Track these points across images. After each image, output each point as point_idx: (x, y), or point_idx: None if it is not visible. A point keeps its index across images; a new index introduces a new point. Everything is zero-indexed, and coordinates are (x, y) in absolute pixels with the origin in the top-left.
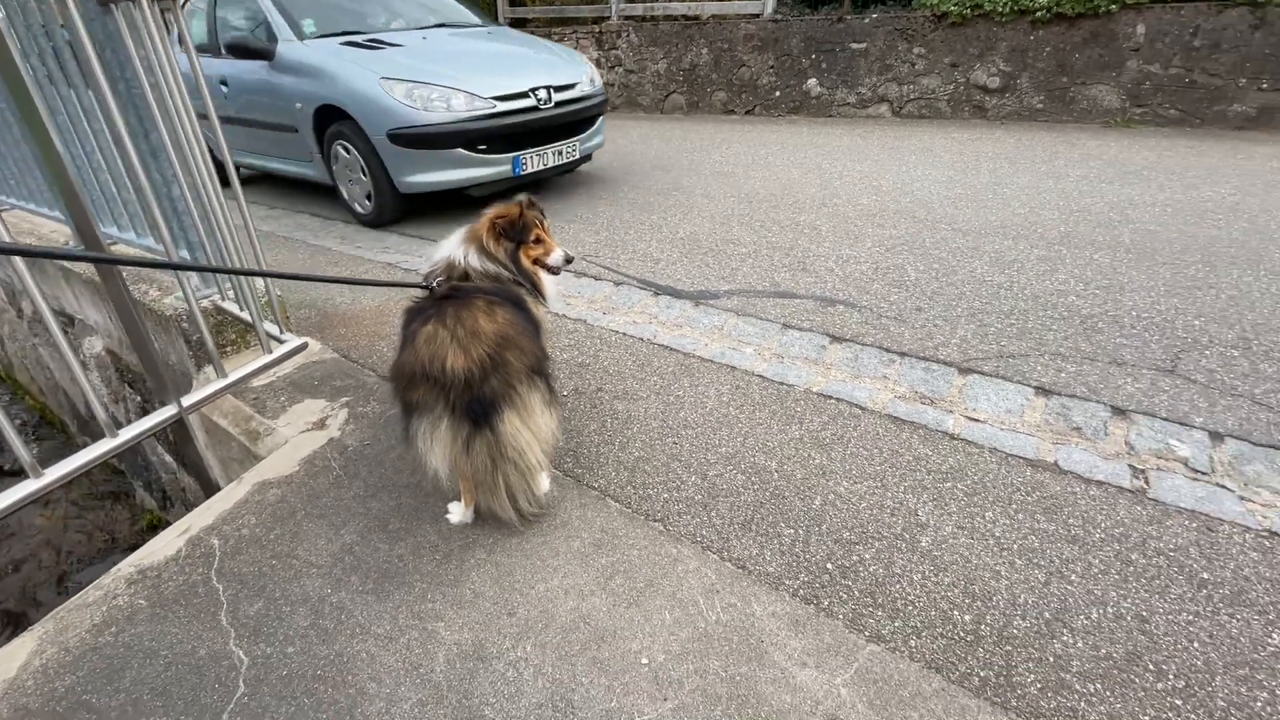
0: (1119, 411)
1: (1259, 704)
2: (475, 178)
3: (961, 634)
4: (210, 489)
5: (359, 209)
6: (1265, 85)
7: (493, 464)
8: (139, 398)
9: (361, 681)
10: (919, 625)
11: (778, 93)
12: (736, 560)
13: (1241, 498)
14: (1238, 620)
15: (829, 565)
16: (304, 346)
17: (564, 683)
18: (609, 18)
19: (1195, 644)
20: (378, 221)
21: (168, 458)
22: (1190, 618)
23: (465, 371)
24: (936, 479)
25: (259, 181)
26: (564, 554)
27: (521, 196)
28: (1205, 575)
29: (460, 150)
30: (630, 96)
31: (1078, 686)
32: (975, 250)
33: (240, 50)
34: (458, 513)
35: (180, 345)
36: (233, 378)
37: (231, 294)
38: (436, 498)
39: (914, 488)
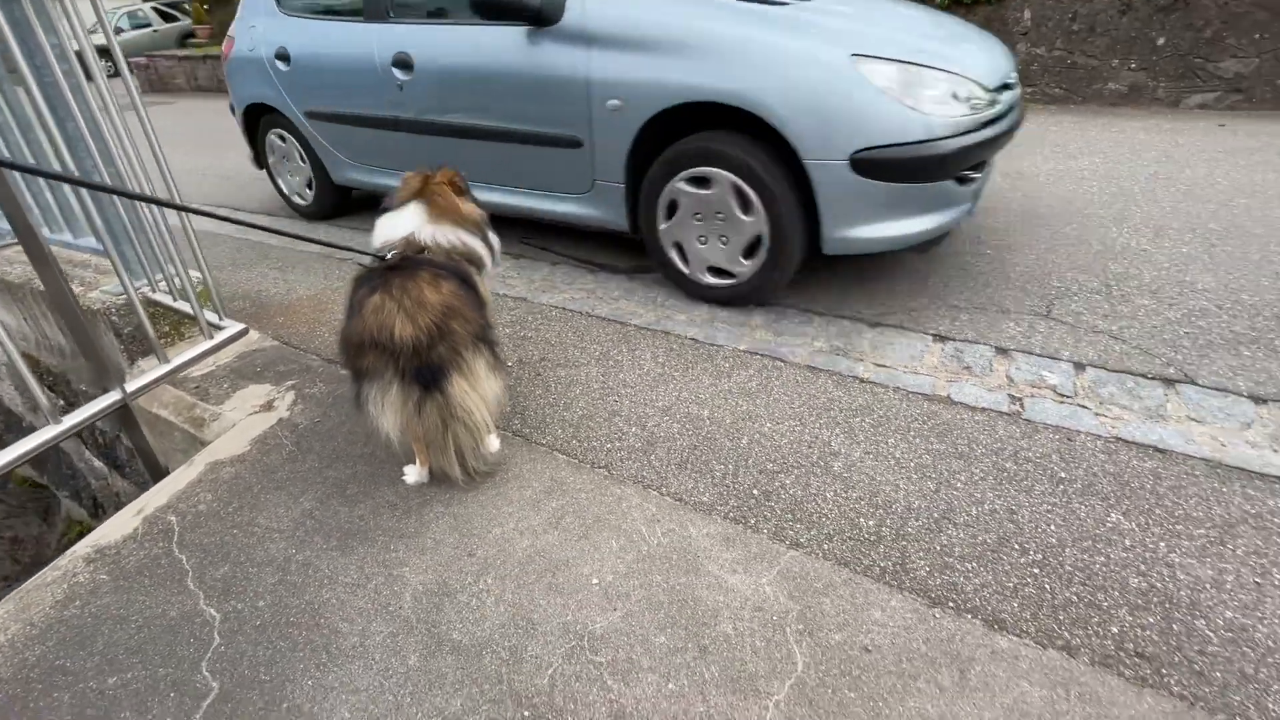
0: (1002, 351)
1: (1096, 565)
2: (935, 228)
3: (866, 536)
4: (157, 478)
5: (704, 281)
6: (1133, 65)
7: (443, 424)
8: (61, 400)
9: (334, 623)
10: (831, 532)
11: None
12: (674, 494)
13: (1096, 414)
14: (1085, 507)
15: (755, 491)
16: (245, 332)
17: (523, 606)
18: None
19: (1052, 526)
20: (756, 299)
21: (97, 462)
22: (1049, 508)
23: (413, 339)
24: (848, 415)
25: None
26: (517, 501)
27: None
28: (1063, 474)
29: (949, 183)
30: None
31: (959, 566)
32: None
33: (485, 8)
34: (413, 474)
35: (110, 339)
36: (176, 362)
37: (163, 285)
38: (391, 464)
39: (828, 424)
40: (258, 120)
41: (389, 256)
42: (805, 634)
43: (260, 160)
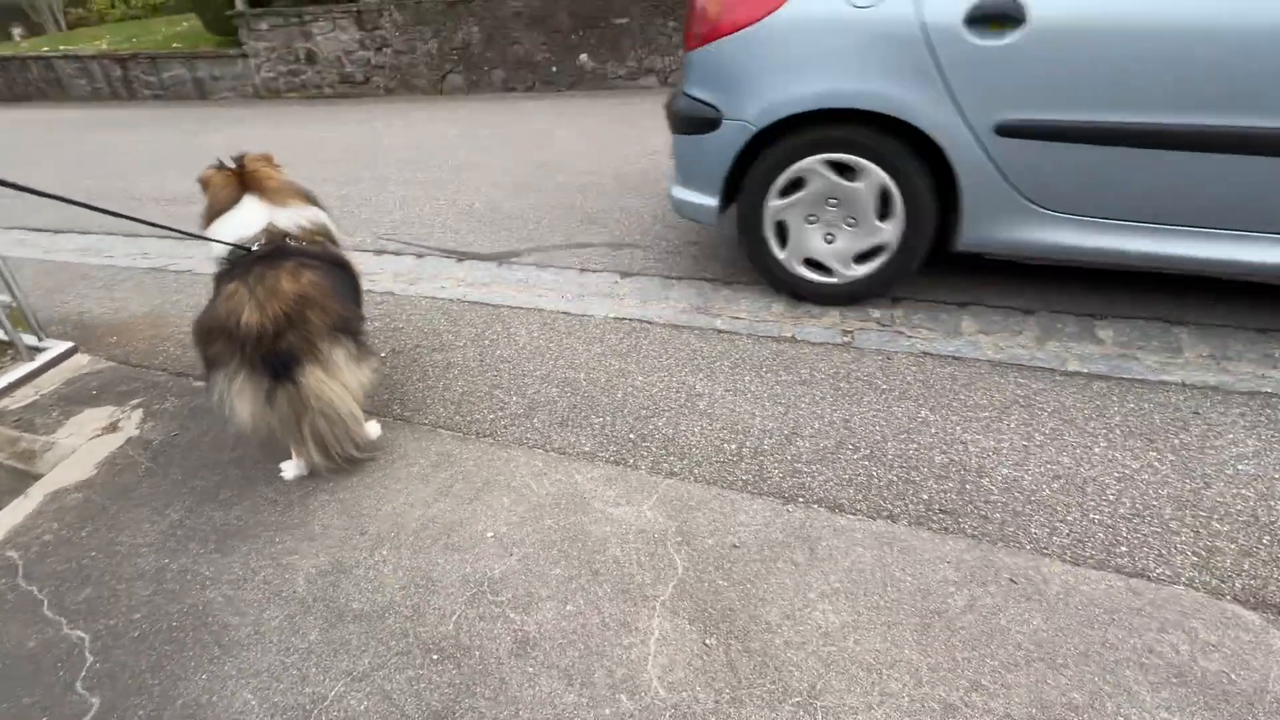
0: None
1: (910, 451)
2: None
3: (729, 457)
4: None
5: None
6: None
7: (296, 416)
8: None
9: (223, 618)
10: (700, 459)
11: (554, 68)
12: (558, 449)
13: (909, 336)
14: (901, 408)
15: (631, 435)
16: (73, 351)
17: (422, 568)
18: None
19: (876, 427)
20: None
21: None
22: (874, 413)
23: (259, 327)
24: (709, 362)
25: None
26: (405, 478)
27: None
28: (884, 386)
29: None
30: (403, 78)
31: (806, 469)
32: None
33: None
34: (291, 469)
35: None
36: None
37: None
38: (267, 463)
39: (692, 371)
40: (765, 142)
41: (256, 247)
42: (683, 544)
43: (730, 199)
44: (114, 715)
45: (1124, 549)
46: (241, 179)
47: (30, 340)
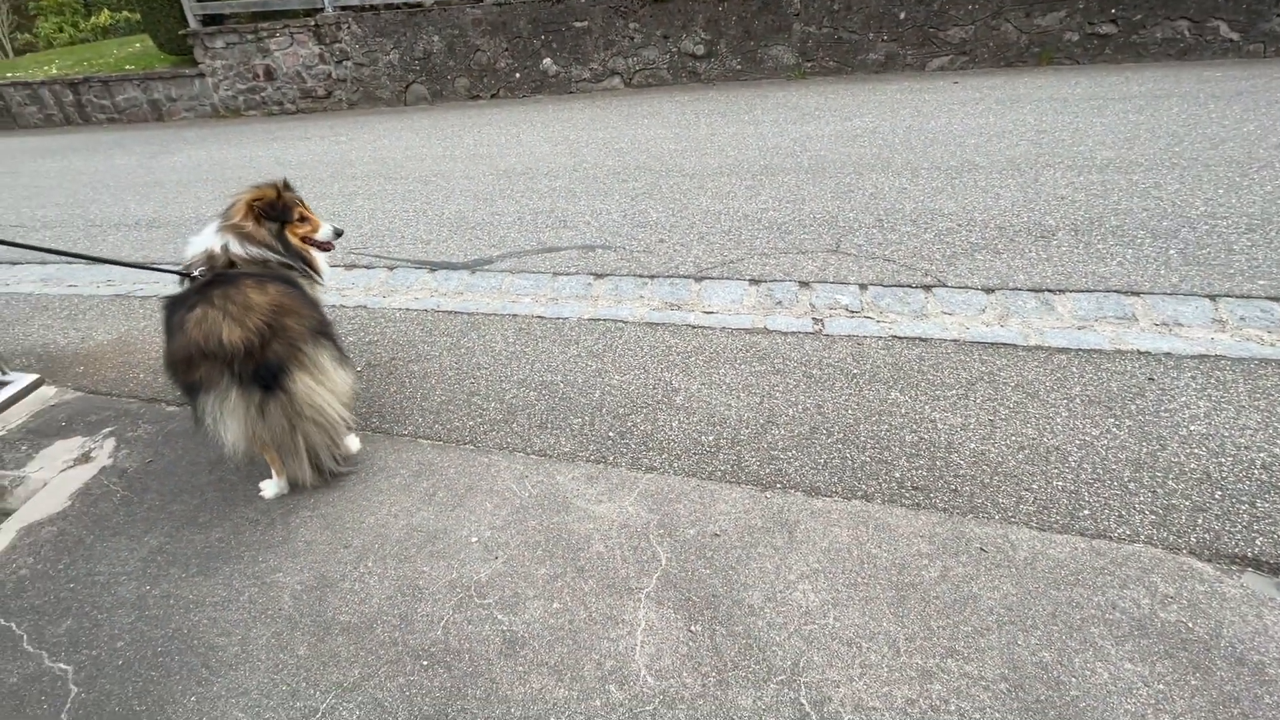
0: (804, 284)
1: (882, 432)
2: None
3: (707, 449)
4: None
5: None
6: (885, 37)
7: (290, 425)
8: None
9: (209, 639)
10: (678, 453)
11: (518, 74)
12: (539, 451)
13: (877, 321)
14: (872, 390)
15: (610, 434)
16: (39, 383)
17: (408, 577)
18: (323, 9)
19: (849, 410)
20: None
21: None
22: (847, 396)
23: (244, 341)
24: (684, 357)
25: None
26: (387, 490)
27: (277, 179)
28: (855, 370)
29: None
30: (366, 91)
31: (782, 456)
32: (700, 189)
33: None
34: (271, 488)
35: None
36: None
37: None
38: (246, 484)
39: (668, 367)
40: None
41: (197, 274)
42: (665, 536)
43: None
44: None
45: (1086, 512)
46: (229, 207)
47: None
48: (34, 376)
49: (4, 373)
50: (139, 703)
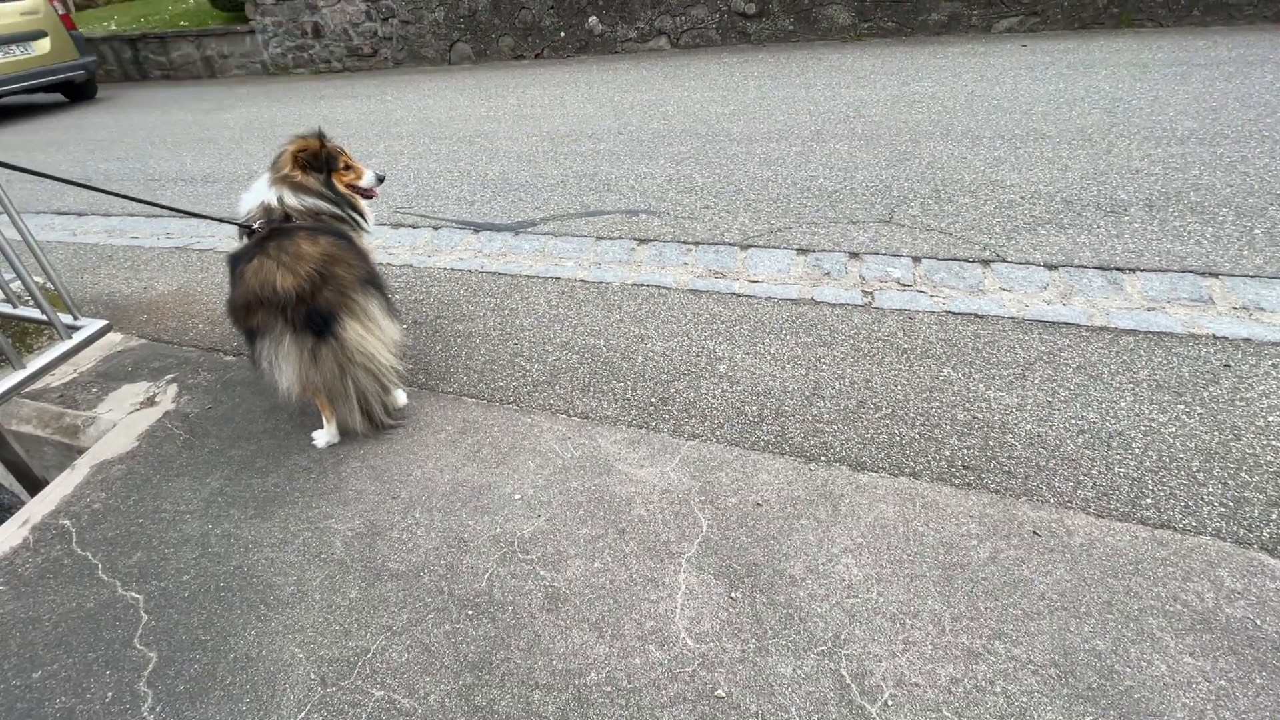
0: (854, 255)
1: (932, 409)
2: None
3: (751, 419)
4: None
5: None
6: None
7: (341, 370)
8: None
9: (267, 578)
10: (721, 421)
11: (563, 34)
12: (581, 414)
13: (931, 296)
14: (923, 367)
15: (653, 400)
16: (107, 329)
17: (453, 529)
18: None
19: (898, 386)
20: None
21: None
22: (896, 371)
23: (296, 288)
24: (728, 326)
25: None
26: (433, 445)
27: (316, 129)
28: (906, 346)
29: None
30: (411, 49)
31: (827, 429)
32: (748, 154)
33: None
34: (323, 436)
35: None
36: (34, 366)
37: None
38: (299, 433)
39: (711, 335)
40: None
41: (256, 227)
42: (707, 503)
43: None
44: (171, 668)
45: (1150, 501)
46: (278, 158)
47: (66, 319)
48: (103, 322)
49: (76, 318)
50: (204, 633)
